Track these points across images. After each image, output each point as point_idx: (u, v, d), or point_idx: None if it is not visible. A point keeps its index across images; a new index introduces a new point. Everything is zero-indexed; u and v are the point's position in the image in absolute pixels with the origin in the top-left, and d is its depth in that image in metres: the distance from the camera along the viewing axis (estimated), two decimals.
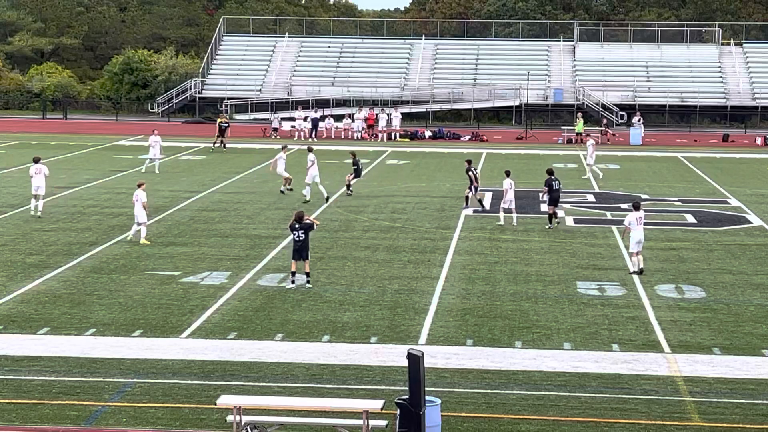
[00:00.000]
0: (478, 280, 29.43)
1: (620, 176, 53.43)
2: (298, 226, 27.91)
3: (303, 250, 27.99)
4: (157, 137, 52.70)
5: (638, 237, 30.27)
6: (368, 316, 25.55)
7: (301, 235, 27.87)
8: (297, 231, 27.91)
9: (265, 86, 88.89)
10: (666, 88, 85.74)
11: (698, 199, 45.56)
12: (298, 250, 28.02)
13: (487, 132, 77.26)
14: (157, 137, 52.70)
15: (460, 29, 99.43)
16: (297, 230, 27.90)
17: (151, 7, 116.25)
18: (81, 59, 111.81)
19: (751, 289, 28.92)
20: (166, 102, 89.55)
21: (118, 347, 22.86)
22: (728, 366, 22.05)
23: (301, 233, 27.88)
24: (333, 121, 75.81)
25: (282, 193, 44.80)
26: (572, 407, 19.46)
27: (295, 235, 27.97)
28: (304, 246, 27.97)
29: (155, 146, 52.32)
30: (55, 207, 40.80)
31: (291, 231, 28.23)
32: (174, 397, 19.83)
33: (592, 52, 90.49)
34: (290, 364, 21.83)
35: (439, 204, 43.00)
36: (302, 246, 27.95)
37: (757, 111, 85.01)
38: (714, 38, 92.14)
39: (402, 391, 18.61)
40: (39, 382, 20.56)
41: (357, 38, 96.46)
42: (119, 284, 28.45)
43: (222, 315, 25.61)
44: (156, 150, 52.38)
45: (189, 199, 43.57)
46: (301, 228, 27.90)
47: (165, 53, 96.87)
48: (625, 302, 27.22)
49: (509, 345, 23.35)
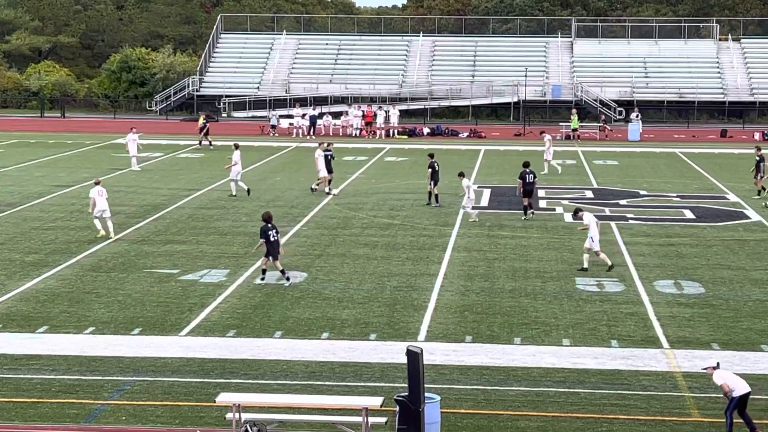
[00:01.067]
0: (476, 277, 29.43)
1: (618, 172, 53.43)
2: (271, 226, 28.31)
3: (277, 248, 28.26)
4: (134, 135, 52.83)
5: (597, 235, 30.22)
6: (367, 313, 25.56)
7: (276, 234, 28.28)
8: (272, 231, 28.26)
9: (263, 84, 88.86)
10: (664, 84, 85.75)
11: (697, 194, 45.57)
12: (275, 248, 28.24)
13: (485, 129, 77.26)
14: (134, 135, 52.83)
15: (458, 26, 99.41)
16: (272, 230, 28.26)
17: (148, 5, 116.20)
18: (79, 57, 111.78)
19: (749, 284, 28.94)
20: (164, 100, 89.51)
21: (117, 345, 22.86)
22: (727, 361, 22.02)
23: (275, 233, 28.28)
24: (331, 119, 75.81)
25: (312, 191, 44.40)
26: (571, 403, 19.47)
27: (271, 235, 28.16)
28: (277, 244, 28.32)
29: (132, 143, 52.42)
30: (53, 206, 40.79)
31: (265, 233, 28.21)
32: (173, 395, 19.83)
33: (589, 48, 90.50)
34: (289, 361, 21.84)
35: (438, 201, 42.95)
36: (277, 244, 28.30)
37: (755, 106, 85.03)
38: (712, 34, 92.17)
39: (401, 388, 18.61)
40: (38, 380, 20.57)
41: (355, 35, 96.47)
42: (118, 282, 28.45)
43: (221, 313, 25.61)
44: (133, 147, 52.49)
45: (187, 197, 43.56)
46: (273, 228, 28.36)
47: (163, 51, 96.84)
48: (624, 298, 27.23)
49: (508, 341, 23.36)
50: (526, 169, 38.59)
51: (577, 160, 58.57)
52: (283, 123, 75.21)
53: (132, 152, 52.14)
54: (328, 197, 43.08)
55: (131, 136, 52.58)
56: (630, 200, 43.80)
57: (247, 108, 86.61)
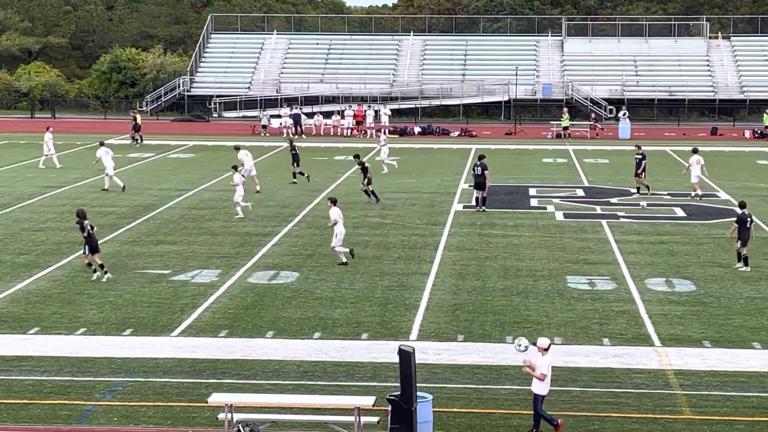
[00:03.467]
0: (468, 276, 29.45)
1: (609, 170, 53.49)
2: (86, 222, 28.83)
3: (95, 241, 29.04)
4: (50, 134, 53.20)
5: None
6: (359, 313, 25.56)
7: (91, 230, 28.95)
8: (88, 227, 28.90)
9: (254, 84, 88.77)
10: (654, 82, 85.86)
11: (687, 192, 45.62)
12: (96, 243, 29.01)
13: (476, 127, 77.27)
14: (50, 134, 53.20)
15: (449, 25, 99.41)
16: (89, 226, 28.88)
17: (138, 5, 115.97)
18: (69, 58, 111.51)
19: (740, 282, 28.99)
20: (155, 100, 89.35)
21: (108, 346, 22.83)
22: (719, 359, 22.11)
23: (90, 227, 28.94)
24: (322, 118, 75.77)
25: None
26: (564, 401, 19.48)
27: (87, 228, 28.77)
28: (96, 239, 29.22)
29: (49, 142, 52.78)
30: (44, 206, 40.72)
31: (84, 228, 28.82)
32: (165, 395, 19.81)
33: (580, 47, 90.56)
34: (281, 361, 21.83)
35: (429, 200, 43.01)
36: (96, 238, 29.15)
37: (746, 104, 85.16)
38: (702, 32, 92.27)
39: (393, 387, 18.60)
40: (30, 381, 20.53)
41: (345, 35, 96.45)
42: (109, 283, 28.41)
43: (212, 313, 25.59)
44: (50, 146, 52.81)
45: (178, 197, 43.51)
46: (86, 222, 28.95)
47: (153, 51, 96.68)
48: (616, 296, 27.27)
49: (500, 340, 23.38)
50: (477, 161, 40.21)
51: (568, 158, 58.62)
52: (274, 123, 75.16)
53: (49, 150, 52.86)
54: (320, 197, 43.05)
55: (48, 136, 52.89)
56: (621, 198, 43.86)
57: (238, 108, 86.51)
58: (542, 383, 17.86)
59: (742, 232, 29.92)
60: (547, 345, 17.94)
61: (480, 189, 40.10)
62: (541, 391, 17.92)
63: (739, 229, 29.98)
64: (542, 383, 17.86)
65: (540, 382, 17.85)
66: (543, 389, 17.90)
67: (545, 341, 18.00)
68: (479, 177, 39.91)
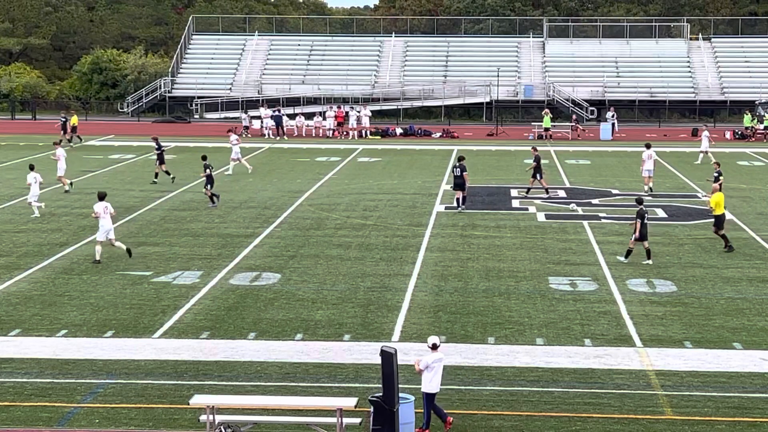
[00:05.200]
0: (450, 277, 29.46)
1: (591, 171, 53.62)
2: None
3: None
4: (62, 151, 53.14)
5: None
6: (341, 314, 25.54)
7: None
8: None
9: (236, 85, 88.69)
10: (635, 84, 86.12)
11: (668, 193, 45.76)
12: None
13: (458, 129, 77.37)
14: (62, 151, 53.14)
15: (430, 26, 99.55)
16: None
17: (119, 6, 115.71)
18: (49, 59, 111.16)
19: (721, 282, 29.09)
20: (136, 101, 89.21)
21: (90, 348, 22.76)
22: (700, 359, 22.18)
23: None
24: (304, 119, 75.75)
25: None
26: (545, 402, 19.51)
27: None
28: None
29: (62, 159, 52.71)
30: (25, 208, 40.56)
31: None
32: (147, 397, 19.76)
33: (561, 48, 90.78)
34: (263, 362, 21.80)
35: (411, 201, 43.02)
36: None
37: (726, 105, 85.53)
38: (682, 33, 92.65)
39: (375, 388, 18.60)
40: (10, 384, 20.45)
41: (327, 36, 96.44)
42: (90, 285, 28.32)
43: (194, 314, 25.53)
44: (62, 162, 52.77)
45: (160, 198, 43.41)
46: None
47: (134, 53, 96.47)
48: (597, 297, 27.33)
49: (482, 341, 23.40)
50: (457, 162, 41.18)
51: (549, 159, 58.72)
52: (256, 124, 75.10)
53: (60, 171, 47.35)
54: (302, 198, 43.01)
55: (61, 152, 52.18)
56: (602, 199, 43.96)
57: (220, 109, 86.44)
58: (431, 382, 17.83)
59: (642, 227, 31.07)
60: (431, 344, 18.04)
61: (460, 189, 40.56)
62: (429, 389, 17.89)
63: (640, 224, 31.06)
64: (431, 382, 17.83)
65: (428, 381, 17.83)
66: (430, 387, 17.86)
67: (433, 338, 18.16)
68: (458, 178, 40.55)
